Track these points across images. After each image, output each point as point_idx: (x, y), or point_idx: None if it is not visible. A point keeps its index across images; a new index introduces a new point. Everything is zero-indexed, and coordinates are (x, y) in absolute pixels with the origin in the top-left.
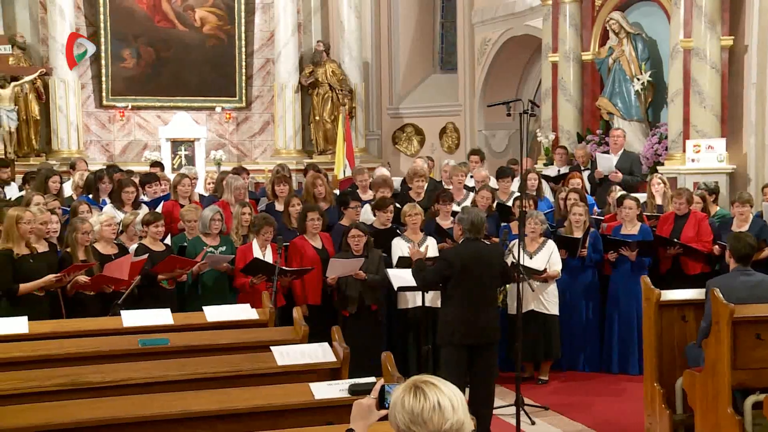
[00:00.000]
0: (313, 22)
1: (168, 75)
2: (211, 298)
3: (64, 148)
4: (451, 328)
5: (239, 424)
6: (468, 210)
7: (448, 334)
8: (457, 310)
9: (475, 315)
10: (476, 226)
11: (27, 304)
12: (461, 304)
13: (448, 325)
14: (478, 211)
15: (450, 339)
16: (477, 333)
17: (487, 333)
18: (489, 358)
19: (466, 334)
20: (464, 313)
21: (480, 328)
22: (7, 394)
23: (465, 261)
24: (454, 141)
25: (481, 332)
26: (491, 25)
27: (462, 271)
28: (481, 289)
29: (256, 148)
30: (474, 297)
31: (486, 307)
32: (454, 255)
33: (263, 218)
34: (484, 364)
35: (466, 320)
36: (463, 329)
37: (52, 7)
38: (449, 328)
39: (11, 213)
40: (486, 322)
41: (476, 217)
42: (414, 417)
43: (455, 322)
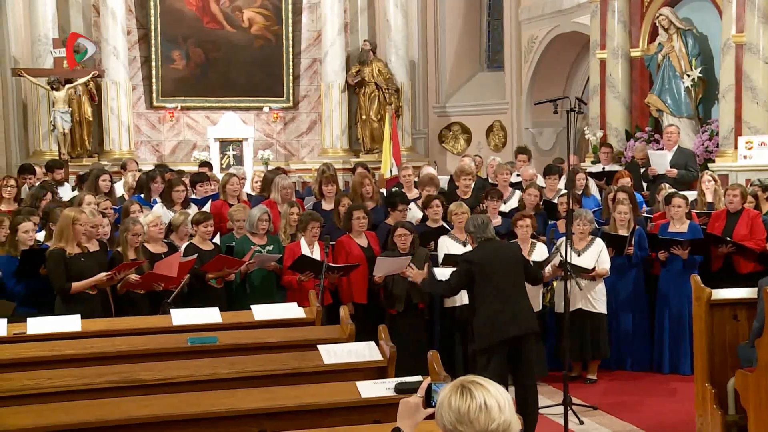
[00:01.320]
0: (359, 21)
1: (216, 75)
2: (258, 296)
3: (116, 148)
4: (491, 325)
5: (286, 422)
6: (470, 217)
7: (488, 333)
8: (492, 306)
9: (510, 308)
10: (480, 227)
11: (79, 303)
12: (494, 299)
13: (487, 324)
14: (477, 215)
15: (491, 337)
16: (516, 324)
17: (525, 323)
18: (528, 353)
19: (507, 328)
20: (500, 308)
21: (517, 319)
22: (62, 390)
23: (486, 259)
24: (501, 139)
25: (519, 323)
26: (538, 22)
27: (485, 268)
28: (507, 284)
29: (303, 148)
30: (502, 292)
31: (516, 299)
32: (473, 255)
33: (309, 214)
34: (524, 360)
35: (503, 314)
36: (502, 323)
37: (105, 10)
38: (488, 327)
39: (67, 213)
40: (519, 313)
41: (476, 220)
42: (460, 416)
43: (493, 318)
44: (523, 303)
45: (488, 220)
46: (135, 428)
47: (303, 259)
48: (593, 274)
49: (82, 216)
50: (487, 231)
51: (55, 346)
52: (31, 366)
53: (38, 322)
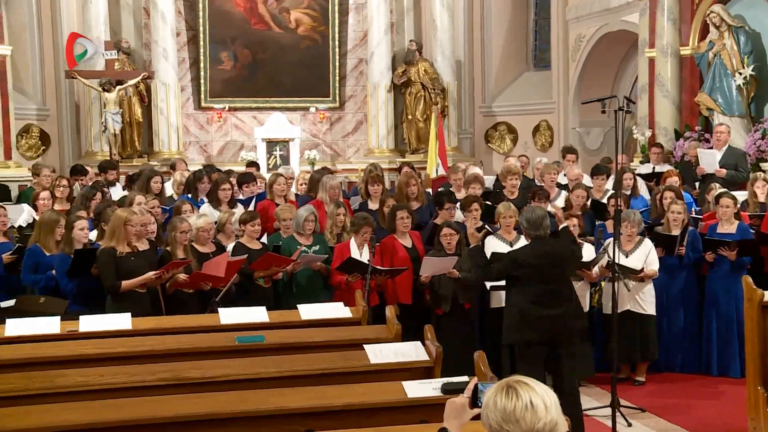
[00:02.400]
0: (405, 21)
1: (263, 76)
2: (305, 296)
3: (165, 149)
4: (524, 326)
5: (333, 421)
6: (525, 210)
7: (519, 332)
8: (527, 307)
9: (546, 311)
10: (533, 223)
11: (129, 301)
12: (532, 301)
13: (517, 323)
14: (533, 208)
15: (522, 337)
16: (550, 329)
17: (561, 329)
18: (569, 354)
19: (539, 331)
20: (536, 310)
21: (553, 324)
22: (113, 387)
23: (535, 260)
24: (548, 139)
25: (554, 329)
26: (586, 21)
27: (533, 270)
28: (553, 285)
29: (349, 148)
30: (546, 294)
31: (560, 303)
32: (523, 255)
33: (363, 218)
34: (564, 362)
35: (537, 317)
36: (537, 326)
37: (155, 12)
38: (521, 327)
39: (120, 214)
40: (561, 315)
41: (531, 215)
42: (506, 416)
43: (527, 320)
44: (566, 306)
45: (544, 216)
46: (184, 426)
47: (350, 261)
48: (642, 276)
49: (134, 216)
50: (540, 228)
51: (107, 344)
52: (83, 363)
53: (90, 320)
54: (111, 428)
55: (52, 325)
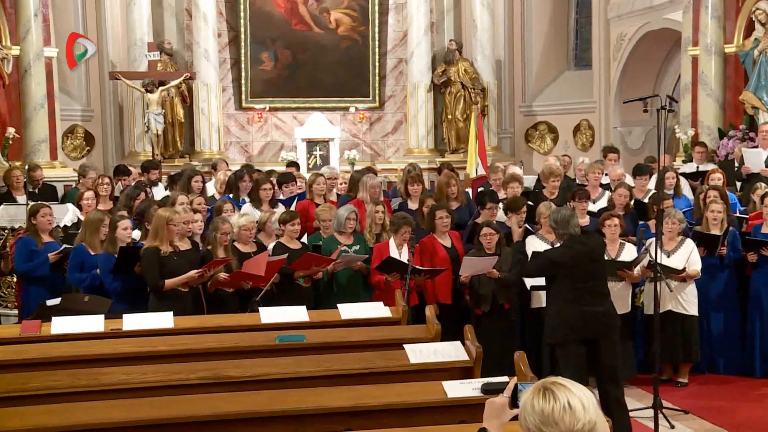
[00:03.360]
0: (445, 21)
1: (304, 76)
2: (345, 296)
3: (206, 149)
4: (567, 325)
5: (372, 420)
6: (552, 211)
7: (561, 331)
8: (567, 306)
9: (581, 309)
10: (561, 222)
11: (172, 300)
12: (571, 299)
13: (561, 323)
14: (559, 208)
15: (564, 337)
16: (585, 327)
17: (603, 325)
18: (610, 353)
19: (574, 329)
20: (575, 308)
21: (589, 322)
22: (155, 386)
23: (571, 259)
24: (588, 138)
25: (596, 325)
26: (628, 19)
27: (569, 268)
28: (590, 283)
29: (389, 148)
30: (580, 292)
31: (598, 299)
32: (559, 254)
33: (402, 218)
34: (605, 360)
35: (578, 315)
36: (578, 324)
37: (197, 13)
38: (564, 326)
39: (162, 213)
40: (595, 315)
41: (558, 214)
42: (545, 418)
43: (567, 318)
44: (603, 305)
45: (571, 215)
46: (225, 424)
47: (389, 260)
48: (684, 275)
49: (176, 216)
50: (569, 227)
51: (149, 343)
52: (126, 361)
53: (133, 319)
54: (154, 425)
55: (96, 323)
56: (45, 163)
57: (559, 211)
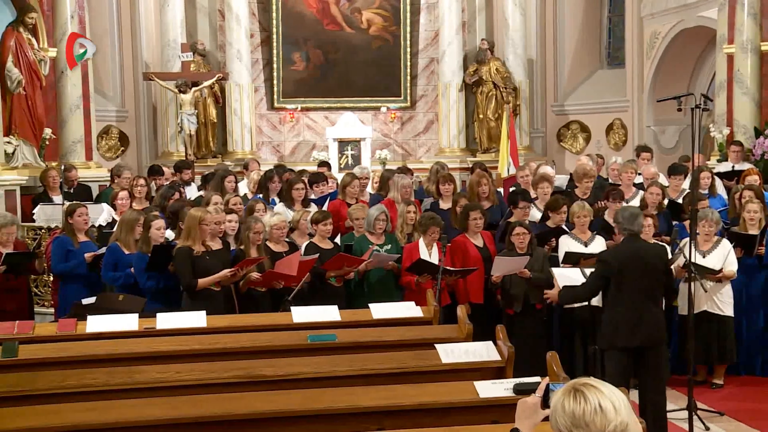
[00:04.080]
0: (477, 20)
1: (335, 76)
2: (376, 295)
3: (238, 149)
4: (614, 330)
5: (405, 420)
6: (621, 208)
7: (610, 336)
8: (619, 311)
9: (637, 315)
10: (627, 219)
11: (205, 299)
12: (623, 304)
13: (610, 327)
14: (627, 206)
15: (613, 342)
16: (640, 334)
17: (651, 334)
18: (657, 360)
19: (630, 336)
20: (626, 314)
21: (643, 328)
22: (190, 384)
23: (624, 261)
24: (621, 137)
25: (644, 333)
26: (661, 17)
27: (621, 271)
28: (643, 289)
29: (420, 147)
30: (636, 297)
31: (649, 307)
32: (612, 255)
33: (431, 218)
34: (651, 366)
35: (628, 321)
36: (626, 331)
37: (230, 14)
38: (612, 331)
39: (194, 213)
40: (649, 322)
41: (625, 212)
42: (576, 420)
43: (617, 323)
44: (653, 312)
45: (638, 214)
46: (259, 423)
47: (420, 262)
48: (720, 276)
49: (208, 216)
50: (634, 224)
51: (183, 341)
52: (160, 360)
53: (167, 318)
54: (189, 423)
55: (130, 322)
56: (80, 164)
57: (627, 209)
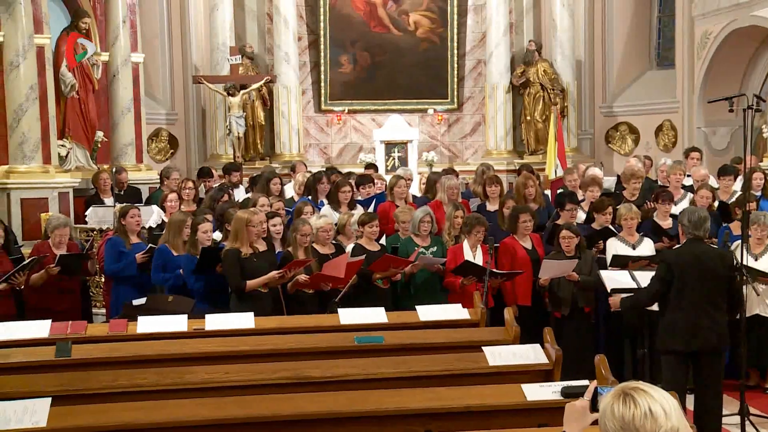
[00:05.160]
0: (524, 21)
1: (382, 78)
2: (422, 297)
3: (286, 151)
4: (671, 334)
5: (451, 422)
6: (687, 209)
7: (667, 340)
8: (677, 314)
9: (696, 320)
10: (694, 223)
11: (252, 301)
12: (682, 309)
13: (668, 331)
14: (696, 208)
15: (669, 346)
16: (698, 339)
17: (710, 340)
18: (714, 366)
19: (687, 341)
20: (685, 319)
21: (702, 334)
22: (238, 385)
23: (685, 263)
24: (671, 139)
25: (702, 339)
26: (713, 17)
27: (682, 273)
28: (704, 293)
29: (467, 149)
30: (696, 301)
31: (709, 312)
32: (674, 257)
33: (476, 218)
34: (709, 373)
35: (686, 326)
36: (684, 335)
37: (278, 17)
38: (669, 335)
39: (241, 215)
40: (708, 328)
41: (693, 215)
42: (625, 425)
43: (675, 327)
44: (713, 317)
45: (706, 218)
46: (306, 424)
47: (466, 264)
48: None
49: (255, 217)
50: (700, 229)
51: (231, 343)
52: (209, 360)
53: (215, 319)
54: (237, 424)
55: (180, 323)
56: (131, 166)
57: (695, 212)
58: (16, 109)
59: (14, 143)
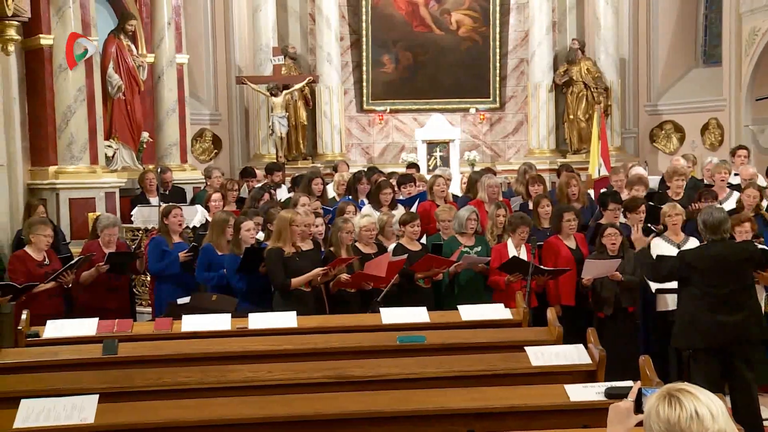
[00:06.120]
0: (567, 20)
1: (424, 78)
2: (466, 297)
3: (328, 151)
4: (693, 330)
5: (493, 422)
6: (704, 211)
7: (689, 336)
8: (698, 312)
9: (720, 317)
10: (710, 226)
11: (295, 300)
12: (703, 306)
13: (689, 327)
14: (712, 210)
15: (692, 342)
16: (723, 335)
17: (739, 334)
18: (745, 361)
19: (713, 338)
20: (708, 316)
21: (728, 330)
22: (281, 384)
23: (706, 262)
24: (717, 137)
25: (730, 334)
26: (762, 13)
27: (698, 272)
28: (726, 290)
29: (510, 149)
30: (720, 298)
31: (734, 308)
32: (694, 256)
33: (520, 218)
34: (738, 371)
35: (710, 323)
36: (711, 333)
37: (320, 18)
38: (691, 331)
39: (285, 215)
40: (735, 323)
41: (709, 217)
42: (671, 427)
43: (698, 325)
44: (739, 314)
45: (724, 219)
46: (348, 423)
47: (514, 260)
48: None
49: (298, 217)
50: (718, 231)
51: (274, 341)
52: (252, 359)
53: (258, 318)
54: (280, 422)
55: (223, 321)
56: (175, 166)
57: (712, 213)
58: (64, 111)
59: (63, 144)
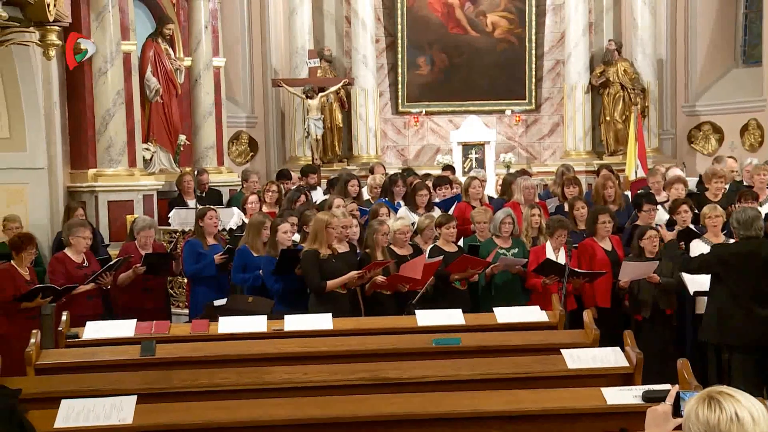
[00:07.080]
0: (604, 20)
1: (459, 80)
2: (502, 299)
3: (364, 153)
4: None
5: (529, 425)
6: (737, 210)
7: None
8: (731, 308)
9: (755, 313)
10: (743, 223)
11: (331, 302)
12: (736, 302)
13: (715, 321)
14: (745, 208)
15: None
16: (755, 331)
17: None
18: None
19: (748, 335)
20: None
21: (758, 326)
22: (317, 385)
23: (737, 259)
24: (757, 138)
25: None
26: None
27: (732, 269)
28: (760, 287)
29: (545, 150)
30: (753, 295)
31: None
32: (727, 252)
33: (558, 221)
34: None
35: (745, 320)
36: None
37: (356, 20)
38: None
39: (321, 217)
40: (765, 319)
41: (742, 215)
42: (710, 429)
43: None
44: None
45: (756, 216)
46: (383, 425)
47: (547, 262)
48: None
49: (334, 219)
50: (751, 229)
51: (310, 343)
52: (288, 361)
53: (294, 320)
54: (315, 424)
55: (259, 323)
56: (212, 169)
57: (744, 211)
58: (103, 114)
59: (101, 147)
